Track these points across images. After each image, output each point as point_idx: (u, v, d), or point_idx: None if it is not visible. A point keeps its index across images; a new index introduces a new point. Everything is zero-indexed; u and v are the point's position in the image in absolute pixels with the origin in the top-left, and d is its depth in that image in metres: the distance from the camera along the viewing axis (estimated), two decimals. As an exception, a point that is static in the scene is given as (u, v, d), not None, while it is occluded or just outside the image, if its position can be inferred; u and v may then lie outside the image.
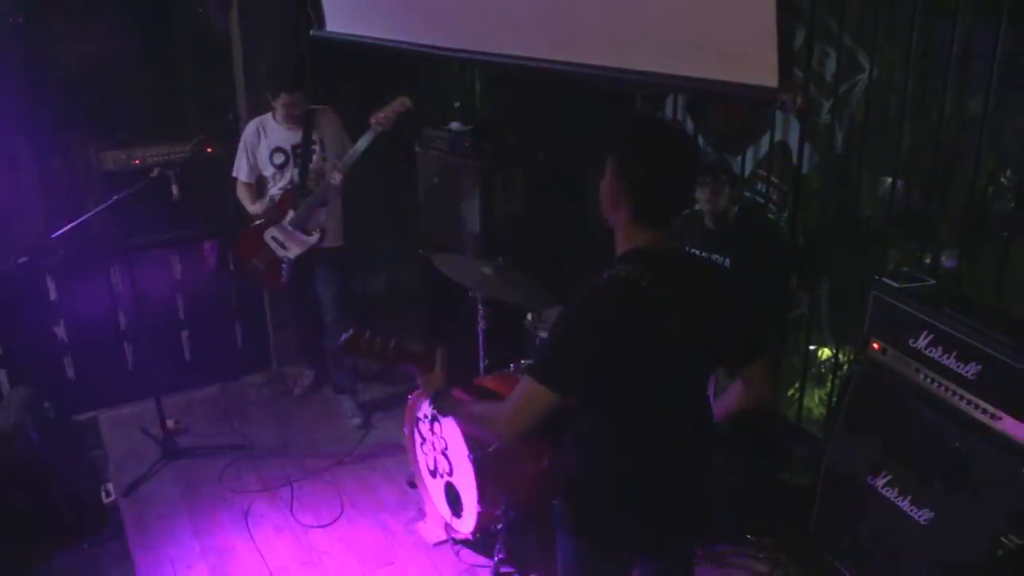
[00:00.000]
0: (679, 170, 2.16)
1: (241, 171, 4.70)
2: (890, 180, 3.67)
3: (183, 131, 5.08)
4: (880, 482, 3.12)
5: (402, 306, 5.93)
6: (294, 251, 4.68)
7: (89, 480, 4.31)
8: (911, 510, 2.99)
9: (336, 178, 4.51)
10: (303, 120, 4.60)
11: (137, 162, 4.95)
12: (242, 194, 4.74)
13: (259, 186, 4.76)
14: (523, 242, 4.61)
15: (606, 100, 4.67)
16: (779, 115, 4.08)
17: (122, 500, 4.23)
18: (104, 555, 3.86)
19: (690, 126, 4.64)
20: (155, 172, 4.35)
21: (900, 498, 3.04)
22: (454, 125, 4.86)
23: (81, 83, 5.02)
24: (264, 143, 4.62)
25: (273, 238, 4.68)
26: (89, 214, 4.25)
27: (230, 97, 5.22)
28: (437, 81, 5.72)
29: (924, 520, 2.94)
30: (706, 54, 2.49)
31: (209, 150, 4.95)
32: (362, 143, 4.49)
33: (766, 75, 2.31)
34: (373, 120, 4.46)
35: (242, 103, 5.13)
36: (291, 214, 4.62)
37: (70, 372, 4.97)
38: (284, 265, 4.70)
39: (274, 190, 4.68)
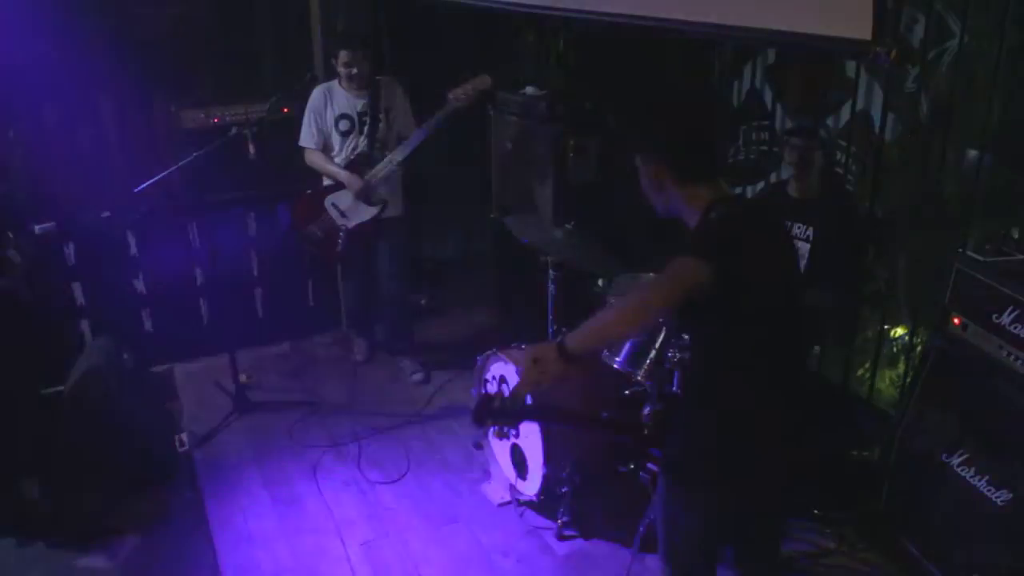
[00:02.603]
0: (690, 114, 2.28)
1: (308, 139, 4.63)
2: (976, 153, 3.55)
3: (262, 91, 5.13)
4: (956, 460, 3.05)
5: (473, 271, 5.96)
6: (353, 220, 4.65)
7: (164, 429, 4.43)
8: (988, 490, 2.92)
9: (396, 160, 4.51)
10: (367, 84, 4.56)
11: (216, 121, 5.03)
12: (315, 160, 4.65)
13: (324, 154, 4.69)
14: (596, 209, 4.57)
15: (683, 66, 4.60)
16: (861, 84, 3.97)
17: (195, 450, 4.35)
18: (177, 502, 3.97)
19: (768, 94, 4.55)
20: (232, 131, 4.42)
21: (976, 478, 2.97)
22: (529, 89, 4.83)
23: (163, 43, 5.12)
24: (330, 110, 4.59)
25: (333, 205, 4.66)
26: (168, 171, 4.33)
27: (308, 58, 5.26)
28: (513, 45, 5.69)
29: (1002, 501, 2.87)
30: (796, 6, 2.44)
31: (285, 110, 5.00)
32: (436, 120, 4.43)
33: (859, 27, 2.26)
34: (452, 95, 4.40)
35: (319, 64, 5.17)
36: None
37: (148, 324, 5.11)
38: (341, 234, 4.66)
39: (339, 158, 4.64)
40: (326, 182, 4.72)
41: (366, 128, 4.59)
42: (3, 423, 3.84)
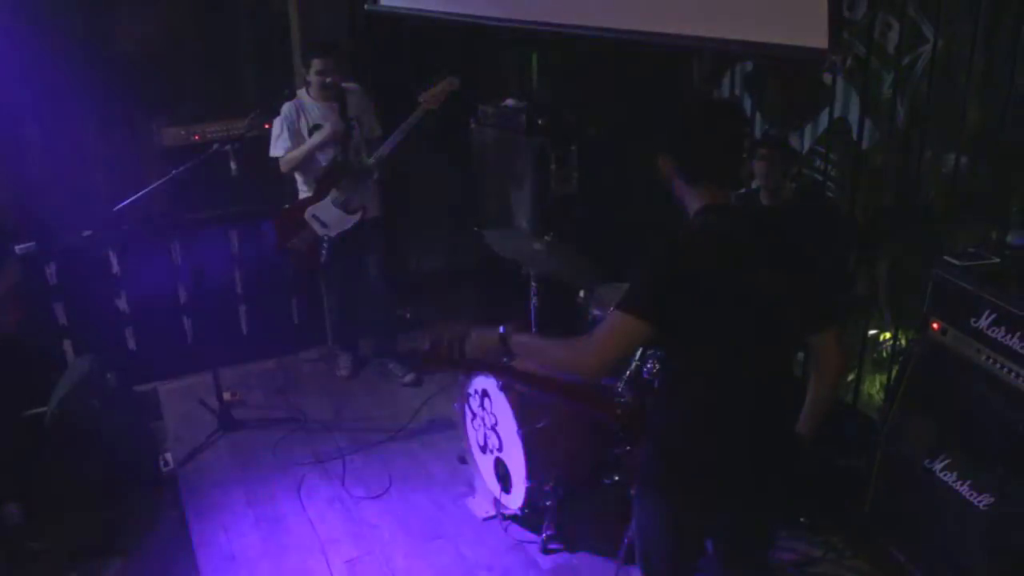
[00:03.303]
0: (708, 124, 2.27)
1: (280, 148, 4.61)
2: (954, 157, 3.55)
3: (242, 107, 5.11)
4: (938, 466, 3.04)
5: (456, 284, 5.95)
6: (335, 229, 4.69)
7: (148, 449, 4.41)
8: (970, 495, 2.90)
9: (375, 174, 4.65)
10: (336, 92, 4.61)
11: (197, 138, 5.02)
12: (291, 155, 4.60)
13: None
14: (577, 220, 4.58)
15: (662, 78, 4.61)
16: (838, 91, 3.98)
17: (179, 469, 4.32)
18: (161, 522, 3.94)
19: (748, 103, 4.56)
20: (213, 148, 4.41)
21: (959, 482, 2.95)
22: (509, 102, 4.86)
23: (143, 60, 5.10)
24: (303, 122, 4.61)
25: (314, 216, 4.69)
26: (148, 188, 4.32)
27: (289, 74, 5.26)
28: (494, 58, 5.70)
29: (984, 505, 2.86)
30: (756, 17, 2.47)
31: (266, 126, 4.99)
32: (410, 122, 4.52)
33: (816, 36, 2.29)
34: (422, 99, 4.51)
35: (299, 79, 5.17)
36: (334, 192, 4.63)
37: (131, 343, 5.08)
38: (324, 244, 4.71)
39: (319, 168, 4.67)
40: (303, 195, 4.73)
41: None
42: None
